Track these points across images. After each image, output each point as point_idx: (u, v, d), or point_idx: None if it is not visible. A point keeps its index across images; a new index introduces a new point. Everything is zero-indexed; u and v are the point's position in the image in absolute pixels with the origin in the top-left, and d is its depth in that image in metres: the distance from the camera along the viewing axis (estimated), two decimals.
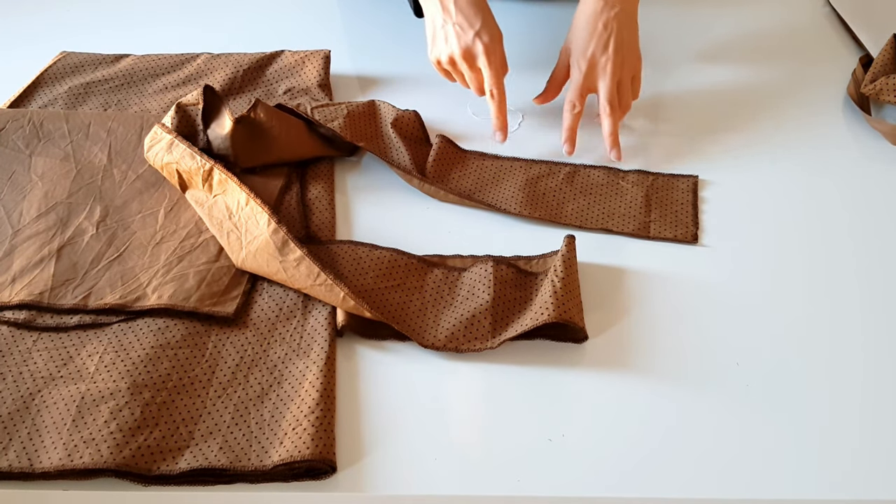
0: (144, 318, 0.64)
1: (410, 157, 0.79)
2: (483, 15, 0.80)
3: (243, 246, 0.68)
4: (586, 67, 0.81)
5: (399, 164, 0.79)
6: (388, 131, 0.82)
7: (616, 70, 0.80)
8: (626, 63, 0.81)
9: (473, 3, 0.80)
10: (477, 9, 0.80)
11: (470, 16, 0.79)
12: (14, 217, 0.73)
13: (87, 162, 0.79)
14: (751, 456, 0.56)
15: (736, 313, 0.66)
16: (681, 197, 0.77)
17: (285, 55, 0.93)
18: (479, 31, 0.79)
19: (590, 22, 0.81)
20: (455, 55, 0.80)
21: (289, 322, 0.65)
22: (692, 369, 0.62)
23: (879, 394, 0.61)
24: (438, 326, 0.64)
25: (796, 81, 0.94)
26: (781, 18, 1.05)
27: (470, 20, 0.79)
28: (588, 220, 0.75)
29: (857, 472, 0.56)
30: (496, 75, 0.80)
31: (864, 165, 0.82)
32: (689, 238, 0.73)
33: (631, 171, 0.80)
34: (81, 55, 0.94)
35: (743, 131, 0.86)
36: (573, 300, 0.63)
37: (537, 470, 0.55)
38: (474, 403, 0.60)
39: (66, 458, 0.54)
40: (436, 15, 0.81)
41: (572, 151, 0.80)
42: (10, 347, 0.62)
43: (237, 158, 0.75)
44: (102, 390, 0.59)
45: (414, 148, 0.81)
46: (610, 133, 0.80)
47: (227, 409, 0.59)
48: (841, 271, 0.70)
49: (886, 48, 0.89)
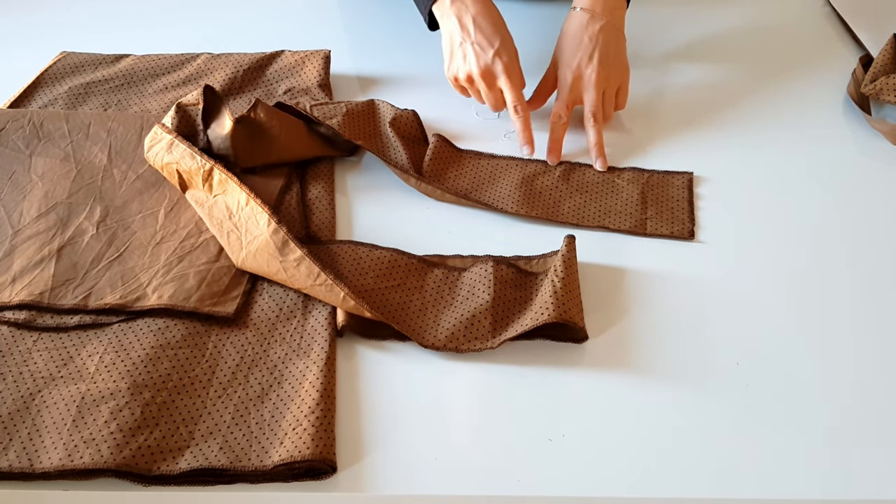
0: (144, 319, 0.64)
1: (408, 156, 0.79)
2: (501, 34, 0.81)
3: (243, 246, 0.68)
4: (572, 79, 0.82)
5: (396, 163, 0.79)
6: (386, 130, 0.82)
7: (601, 82, 0.81)
8: (611, 75, 0.82)
9: (492, 23, 0.81)
10: (495, 28, 0.81)
11: (489, 35, 0.80)
12: (14, 217, 0.73)
13: (88, 162, 0.79)
14: (751, 456, 0.56)
15: (736, 313, 0.66)
16: (676, 194, 0.77)
17: (285, 55, 0.93)
18: (498, 51, 0.80)
19: (576, 35, 0.82)
20: (474, 74, 0.81)
21: (289, 322, 0.65)
22: (692, 369, 0.62)
23: (879, 393, 0.61)
24: (438, 326, 0.64)
25: (796, 81, 0.94)
26: (781, 18, 1.05)
27: (489, 39, 0.80)
28: (584, 218, 0.75)
29: (857, 471, 0.56)
30: (518, 93, 0.80)
31: (864, 165, 0.82)
32: (686, 234, 0.73)
33: (626, 169, 0.80)
34: (81, 55, 0.94)
35: (742, 130, 0.86)
36: (573, 300, 0.63)
37: (537, 470, 0.55)
38: (474, 403, 0.60)
39: (67, 458, 0.54)
40: (454, 32, 0.81)
41: (557, 161, 0.81)
42: (10, 347, 0.62)
43: (237, 158, 0.75)
44: (102, 390, 0.59)
45: (412, 147, 0.81)
46: (595, 144, 0.81)
47: (228, 409, 0.59)
48: (841, 270, 0.70)
49: (886, 48, 0.89)
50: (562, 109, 0.82)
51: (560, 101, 0.83)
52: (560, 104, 0.82)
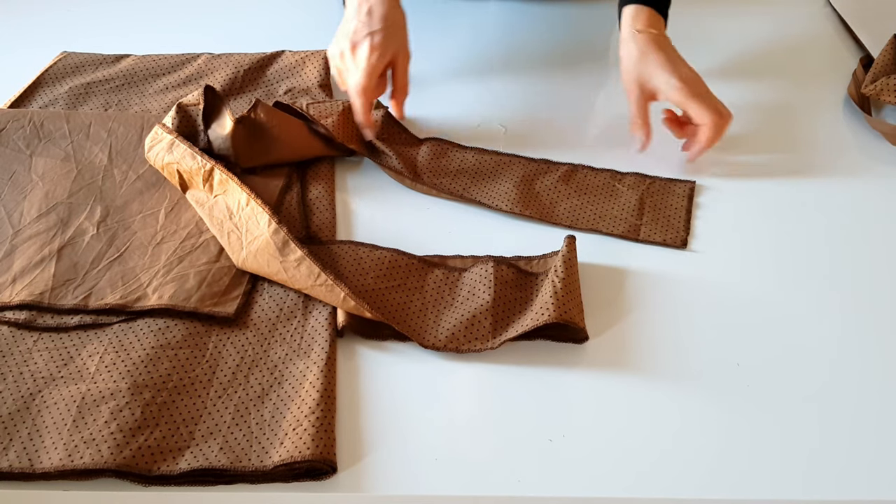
0: (145, 319, 0.64)
1: (397, 156, 0.79)
2: (389, 23, 0.78)
3: (244, 246, 0.68)
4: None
5: (389, 164, 0.79)
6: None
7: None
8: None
9: (386, 14, 0.78)
10: (386, 19, 0.78)
11: (377, 20, 0.78)
12: (14, 217, 0.73)
13: (88, 162, 0.79)
14: (751, 456, 0.56)
15: (737, 314, 0.66)
16: (675, 202, 0.77)
17: (286, 55, 0.94)
18: (374, 32, 0.78)
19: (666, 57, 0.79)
20: (345, 48, 0.79)
21: (289, 322, 0.65)
22: (693, 370, 0.62)
23: (879, 394, 0.61)
24: (439, 327, 0.64)
25: (796, 82, 0.94)
26: (782, 19, 1.05)
27: (375, 22, 0.78)
28: (579, 221, 0.75)
29: (857, 471, 0.56)
30: (366, 76, 0.77)
31: (864, 166, 0.82)
32: (679, 243, 0.73)
33: (629, 174, 0.80)
34: (82, 55, 0.94)
35: (742, 131, 0.85)
36: (574, 300, 0.63)
37: (538, 470, 0.55)
38: (475, 404, 0.60)
39: (67, 458, 0.54)
40: (349, 14, 0.80)
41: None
42: (10, 348, 0.62)
43: (238, 159, 0.76)
44: (103, 390, 0.59)
45: (398, 148, 0.81)
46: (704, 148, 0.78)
47: (228, 410, 0.59)
48: (841, 272, 0.70)
49: (887, 48, 0.89)
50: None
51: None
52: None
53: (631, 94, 0.80)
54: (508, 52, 0.83)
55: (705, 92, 0.78)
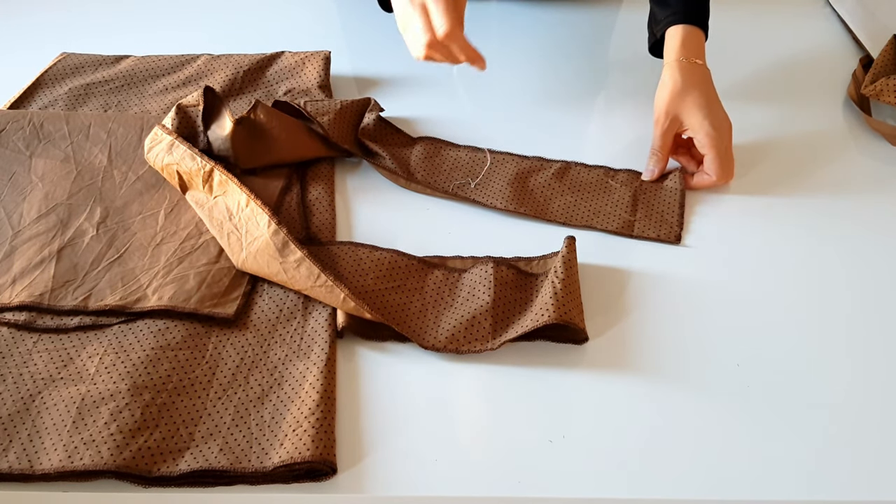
0: (145, 320, 0.64)
1: (391, 157, 0.79)
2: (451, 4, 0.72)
3: (244, 247, 0.68)
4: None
5: (383, 165, 0.79)
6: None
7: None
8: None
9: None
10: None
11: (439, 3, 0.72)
12: (14, 218, 0.73)
13: (88, 163, 0.79)
14: (752, 457, 0.56)
15: (737, 314, 0.66)
16: (668, 198, 0.77)
17: (285, 56, 0.93)
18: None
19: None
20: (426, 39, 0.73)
21: (289, 323, 0.65)
22: (693, 370, 0.62)
23: (879, 394, 0.61)
24: (439, 328, 0.64)
25: (796, 82, 0.94)
26: (781, 19, 1.05)
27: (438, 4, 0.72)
28: (573, 218, 0.75)
29: (857, 472, 0.56)
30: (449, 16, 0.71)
31: (864, 166, 0.82)
32: (672, 239, 0.73)
33: (622, 171, 0.80)
34: (82, 56, 0.94)
35: (741, 131, 0.85)
36: (574, 301, 0.63)
37: (538, 471, 0.56)
38: (475, 404, 0.60)
39: (67, 459, 0.54)
40: (404, 4, 0.74)
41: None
42: (10, 349, 0.62)
43: (237, 159, 0.76)
44: (103, 392, 0.59)
45: (392, 149, 0.81)
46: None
47: (228, 411, 0.59)
48: (841, 273, 0.70)
49: (887, 49, 0.89)
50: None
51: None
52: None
53: (659, 123, 0.79)
54: (508, 53, 0.83)
55: (727, 147, 0.77)
